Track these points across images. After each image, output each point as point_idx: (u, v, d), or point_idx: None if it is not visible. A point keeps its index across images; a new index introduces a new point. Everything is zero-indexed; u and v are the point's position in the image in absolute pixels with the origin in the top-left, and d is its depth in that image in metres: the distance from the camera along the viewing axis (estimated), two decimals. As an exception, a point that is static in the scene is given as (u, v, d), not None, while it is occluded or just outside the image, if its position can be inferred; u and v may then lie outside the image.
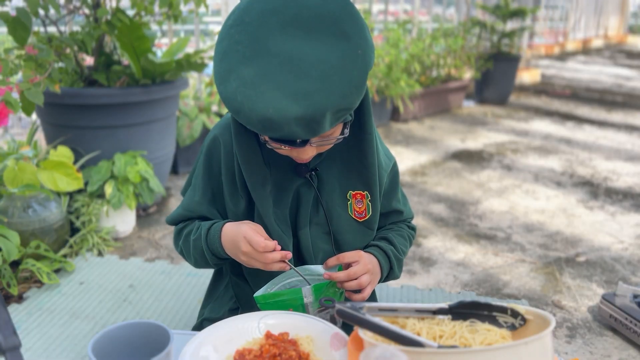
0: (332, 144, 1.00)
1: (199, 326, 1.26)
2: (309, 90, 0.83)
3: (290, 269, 1.05)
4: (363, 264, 1.08)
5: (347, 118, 0.97)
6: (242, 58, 0.84)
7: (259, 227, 1.04)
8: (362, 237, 1.15)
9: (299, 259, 1.14)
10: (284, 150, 0.97)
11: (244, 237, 1.01)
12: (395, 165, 1.22)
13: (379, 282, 1.16)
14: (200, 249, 1.11)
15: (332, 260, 1.09)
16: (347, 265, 1.09)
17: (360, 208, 1.12)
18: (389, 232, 1.23)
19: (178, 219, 1.19)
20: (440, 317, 0.86)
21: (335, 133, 0.97)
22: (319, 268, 1.10)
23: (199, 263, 1.16)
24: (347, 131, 0.98)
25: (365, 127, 1.05)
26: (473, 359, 0.71)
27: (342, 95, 0.85)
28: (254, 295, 1.04)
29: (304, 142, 0.91)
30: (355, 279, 1.06)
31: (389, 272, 1.18)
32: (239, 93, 0.85)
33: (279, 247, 1.03)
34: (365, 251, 1.14)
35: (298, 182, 1.09)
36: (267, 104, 0.83)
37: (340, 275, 1.05)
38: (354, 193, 1.11)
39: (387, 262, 1.15)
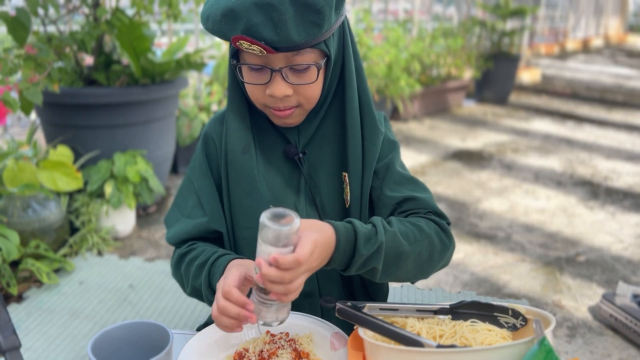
0: (310, 89, 0.93)
1: (203, 328, 1.24)
2: None
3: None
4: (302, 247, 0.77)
5: (320, 46, 0.90)
6: None
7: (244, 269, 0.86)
8: None
9: None
10: (258, 87, 0.93)
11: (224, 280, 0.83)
12: (398, 149, 1.11)
13: (332, 266, 0.84)
14: (205, 279, 0.96)
15: None
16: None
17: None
18: (392, 217, 0.97)
19: (183, 237, 1.05)
20: (441, 317, 0.86)
21: (309, 59, 0.90)
22: None
23: (195, 293, 1.02)
24: (321, 62, 0.90)
25: (347, 89, 0.98)
26: (473, 358, 0.70)
27: None
28: None
29: (276, 50, 0.86)
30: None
31: (356, 255, 0.84)
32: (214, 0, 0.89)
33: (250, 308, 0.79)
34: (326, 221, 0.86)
35: (286, 168, 1.02)
36: None
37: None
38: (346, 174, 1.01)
39: (349, 239, 0.84)
